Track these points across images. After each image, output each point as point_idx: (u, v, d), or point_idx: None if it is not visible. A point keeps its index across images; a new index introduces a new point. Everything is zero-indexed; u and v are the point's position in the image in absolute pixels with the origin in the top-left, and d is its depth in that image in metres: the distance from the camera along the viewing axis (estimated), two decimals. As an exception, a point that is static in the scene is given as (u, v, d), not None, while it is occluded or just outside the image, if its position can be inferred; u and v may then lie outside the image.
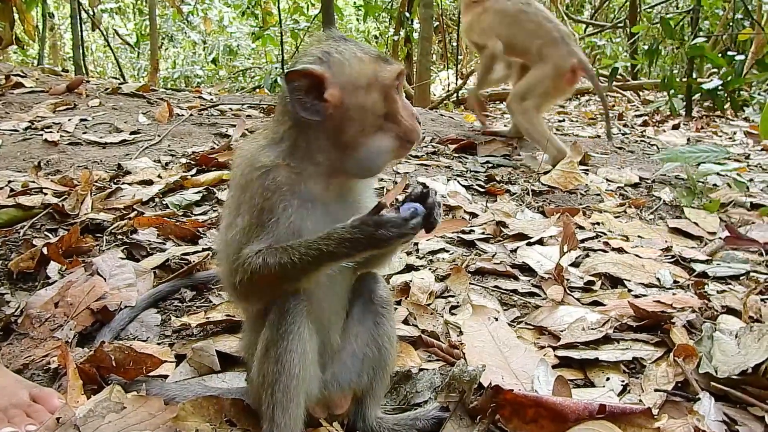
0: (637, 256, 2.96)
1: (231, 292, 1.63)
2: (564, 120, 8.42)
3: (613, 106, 11.17)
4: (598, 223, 3.48)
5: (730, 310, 2.40)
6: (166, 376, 2.05)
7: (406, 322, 2.39)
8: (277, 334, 1.54)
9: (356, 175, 1.63)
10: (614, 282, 2.75)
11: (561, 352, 2.16)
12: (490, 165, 4.71)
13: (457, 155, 4.95)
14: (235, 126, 5.29)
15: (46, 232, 3.11)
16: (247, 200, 1.55)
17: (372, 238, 1.45)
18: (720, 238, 3.25)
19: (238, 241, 1.54)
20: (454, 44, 14.19)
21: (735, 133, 7.30)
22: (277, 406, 1.54)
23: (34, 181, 3.66)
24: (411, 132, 1.59)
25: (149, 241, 3.00)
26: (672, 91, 8.42)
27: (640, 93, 12.50)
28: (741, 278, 2.78)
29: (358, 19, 17.28)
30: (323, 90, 1.52)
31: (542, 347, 2.21)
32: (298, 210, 1.54)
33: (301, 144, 1.56)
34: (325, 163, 1.57)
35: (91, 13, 11.09)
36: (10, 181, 3.72)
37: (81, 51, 10.16)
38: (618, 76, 11.32)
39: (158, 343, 2.28)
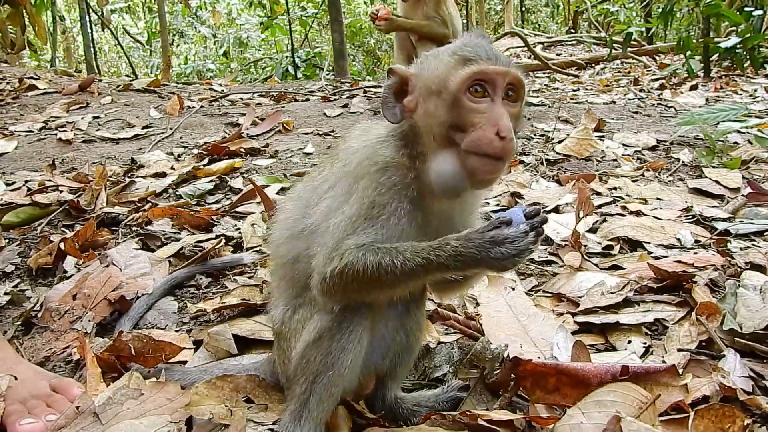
0: (656, 218, 2.90)
1: (318, 282, 1.48)
2: (578, 89, 8.29)
3: (629, 72, 10.98)
4: (615, 188, 3.41)
5: (754, 266, 2.33)
6: (185, 362, 2.06)
7: (421, 296, 2.36)
8: (337, 328, 1.49)
9: (438, 193, 1.48)
10: (633, 245, 2.69)
11: (580, 318, 2.12)
12: (503, 137, 4.64)
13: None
14: (245, 115, 5.30)
15: (63, 228, 3.15)
16: (360, 190, 1.48)
17: (487, 256, 1.33)
18: (742, 194, 3.17)
19: (342, 229, 1.46)
20: (465, 21, 14.03)
21: (756, 91, 7.11)
22: (315, 395, 1.51)
23: (49, 180, 3.70)
24: (477, 142, 1.37)
25: (164, 231, 3.02)
26: (689, 53, 8.22)
27: (657, 58, 12.26)
28: (765, 234, 2.70)
29: (366, 2, 17.15)
30: (407, 93, 1.48)
31: (561, 314, 2.18)
32: (410, 213, 1.47)
33: (414, 144, 1.49)
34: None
35: (100, 12, 11.16)
36: (26, 181, 3.78)
37: (92, 51, 10.24)
38: (633, 42, 11.11)
39: (176, 330, 2.29)
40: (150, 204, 3.42)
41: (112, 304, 2.37)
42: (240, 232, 2.97)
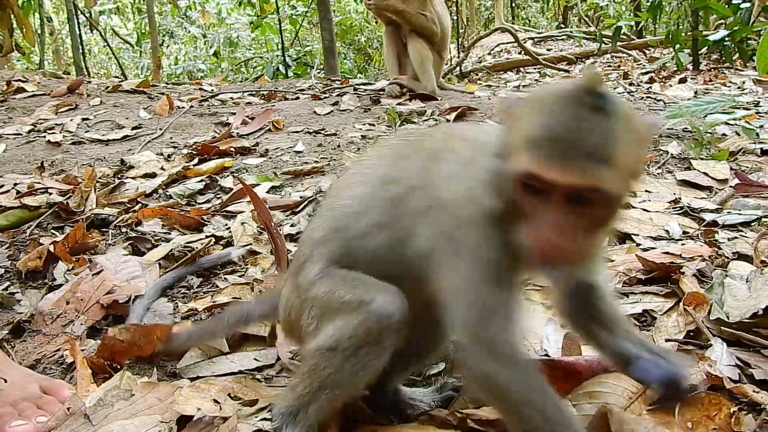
0: (644, 210, 2.91)
1: (464, 351, 1.38)
2: (569, 83, 8.30)
3: (619, 66, 11.03)
4: (604, 181, 3.42)
5: (742, 256, 2.34)
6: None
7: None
8: (356, 351, 1.39)
9: None
10: (622, 237, 2.70)
11: (570, 311, 2.13)
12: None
13: (460, 126, 4.90)
14: (235, 114, 5.29)
15: (52, 231, 3.13)
16: (472, 242, 1.32)
17: None
18: (730, 186, 3.19)
19: (470, 303, 1.35)
20: (455, 17, 14.03)
21: (744, 83, 7.15)
22: (316, 403, 1.46)
23: (39, 182, 3.69)
24: (526, 239, 1.19)
25: (154, 232, 3.01)
26: (678, 46, 8.25)
27: (646, 51, 12.31)
28: (752, 224, 2.71)
29: (356, 0, 17.13)
30: None
31: (550, 307, 2.19)
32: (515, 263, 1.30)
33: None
34: None
35: (88, 14, 11.11)
36: (15, 184, 3.75)
37: (81, 52, 10.20)
38: (622, 36, 11.15)
39: (168, 330, 2.29)
40: (140, 205, 3.41)
41: (104, 308, 2.37)
42: (230, 232, 2.97)
